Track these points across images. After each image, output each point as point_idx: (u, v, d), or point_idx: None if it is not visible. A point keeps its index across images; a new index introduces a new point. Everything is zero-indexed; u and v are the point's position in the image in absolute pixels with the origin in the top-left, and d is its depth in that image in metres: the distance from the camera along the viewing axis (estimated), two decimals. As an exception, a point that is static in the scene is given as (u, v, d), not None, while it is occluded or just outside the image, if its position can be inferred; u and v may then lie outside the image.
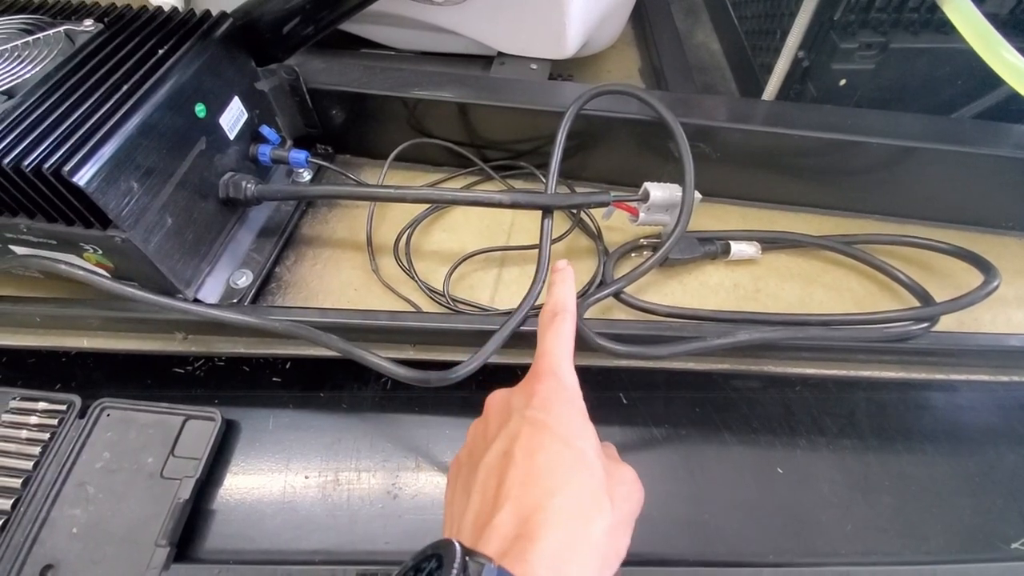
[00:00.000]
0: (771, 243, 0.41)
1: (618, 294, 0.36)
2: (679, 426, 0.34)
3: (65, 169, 0.27)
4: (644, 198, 0.37)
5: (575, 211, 0.43)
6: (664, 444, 0.34)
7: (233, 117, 0.37)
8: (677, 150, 0.36)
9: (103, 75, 0.32)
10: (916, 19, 0.37)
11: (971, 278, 0.37)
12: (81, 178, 0.27)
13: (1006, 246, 0.42)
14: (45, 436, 0.33)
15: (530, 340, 0.36)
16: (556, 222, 0.38)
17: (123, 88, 0.31)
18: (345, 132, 0.46)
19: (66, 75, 0.32)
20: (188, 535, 0.30)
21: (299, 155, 0.40)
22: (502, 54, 0.48)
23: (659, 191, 0.37)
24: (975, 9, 0.33)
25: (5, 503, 0.31)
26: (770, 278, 0.40)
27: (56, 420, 0.34)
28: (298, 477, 0.32)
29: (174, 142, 0.33)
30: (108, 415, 0.34)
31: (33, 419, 0.34)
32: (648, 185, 0.37)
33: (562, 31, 0.44)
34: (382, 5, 0.39)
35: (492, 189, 0.45)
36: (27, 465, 0.32)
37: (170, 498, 0.31)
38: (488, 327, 0.34)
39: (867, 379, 0.37)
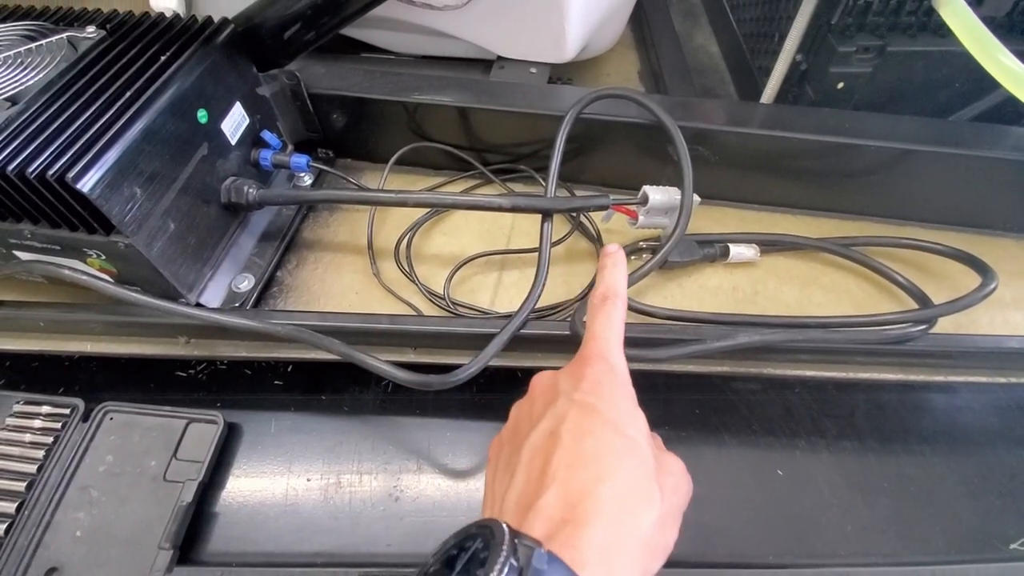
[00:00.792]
0: (770, 245, 0.41)
1: (618, 297, 0.36)
2: (679, 428, 0.34)
3: (69, 176, 0.27)
4: (643, 201, 0.37)
5: (575, 214, 0.43)
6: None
7: (235, 122, 0.38)
8: (676, 154, 0.37)
9: (106, 82, 0.32)
10: (913, 22, 0.37)
11: (969, 280, 0.37)
12: (85, 184, 0.27)
13: (1004, 248, 0.42)
14: (49, 440, 0.33)
15: (530, 343, 0.36)
16: (556, 225, 0.39)
17: (126, 95, 0.31)
18: (346, 136, 0.46)
19: (69, 82, 0.32)
20: (191, 538, 0.30)
21: (300, 160, 0.40)
22: (502, 58, 0.48)
23: (658, 194, 0.37)
24: (971, 12, 0.33)
25: (9, 506, 0.31)
26: (769, 280, 0.40)
27: (60, 424, 0.34)
28: (300, 480, 0.33)
29: (176, 148, 0.33)
30: (111, 418, 0.34)
31: (37, 423, 0.34)
32: (647, 188, 0.38)
33: (562, 35, 0.44)
34: (382, 10, 0.39)
35: (492, 193, 0.45)
36: (31, 469, 0.32)
37: (173, 501, 0.31)
38: (488, 330, 0.34)
39: (866, 381, 0.37)
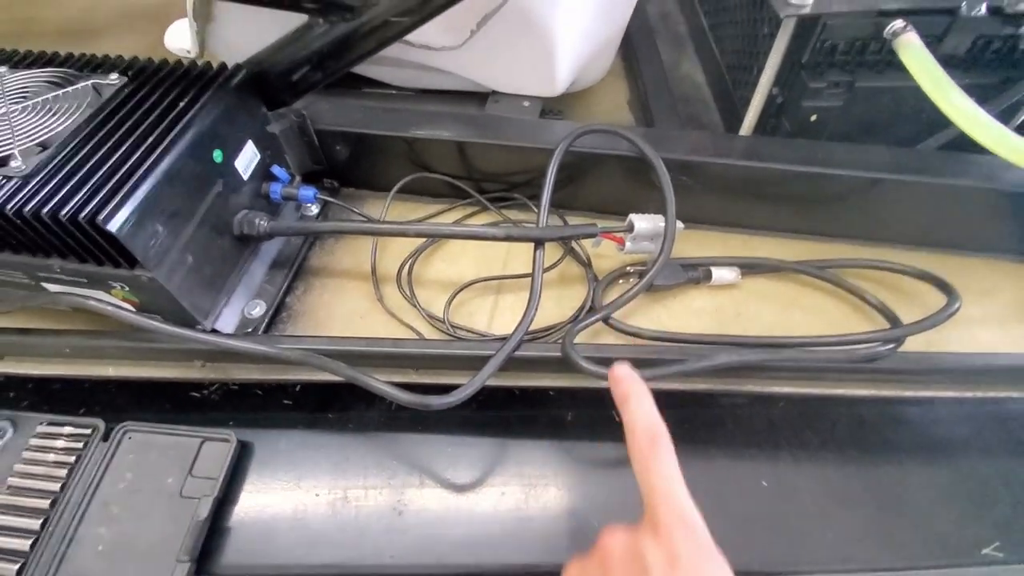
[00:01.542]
0: (750, 268, 0.43)
1: (607, 319, 0.39)
2: (668, 442, 0.36)
3: (99, 218, 0.29)
4: (629, 229, 0.40)
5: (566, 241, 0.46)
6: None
7: (247, 159, 0.40)
8: (659, 184, 0.39)
9: (130, 127, 0.35)
10: (879, 60, 0.40)
11: (939, 299, 0.39)
12: (113, 225, 0.30)
13: (974, 268, 0.44)
14: (71, 459, 0.35)
15: (523, 363, 0.38)
16: (549, 251, 0.41)
17: (148, 139, 0.34)
18: (350, 168, 0.49)
19: (95, 127, 0.35)
20: (207, 551, 0.32)
21: (308, 192, 0.43)
22: (496, 92, 0.51)
23: (643, 222, 0.40)
24: (928, 55, 0.36)
25: (35, 523, 0.33)
26: (750, 302, 0.42)
27: (81, 443, 0.36)
28: (309, 495, 0.35)
29: (194, 187, 0.35)
30: (130, 438, 0.36)
31: (60, 443, 0.36)
32: (633, 216, 0.40)
33: (551, 72, 0.47)
34: (384, 50, 0.42)
35: (488, 222, 0.48)
36: (55, 487, 0.34)
37: (189, 516, 0.33)
38: (486, 352, 0.36)
39: (843, 397, 0.39)
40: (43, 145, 0.34)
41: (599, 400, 0.38)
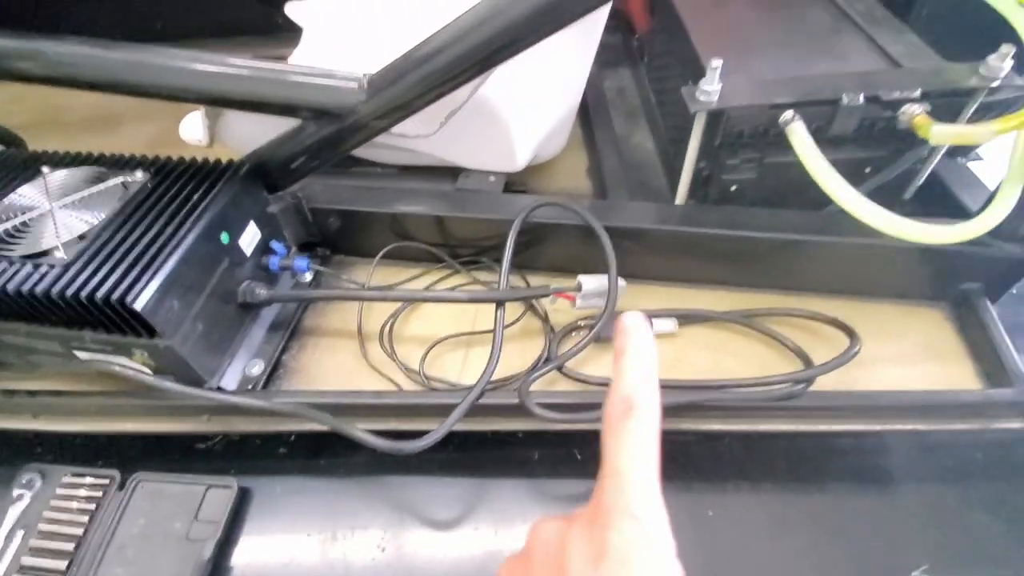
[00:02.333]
0: (687, 319, 0.49)
1: (560, 368, 0.45)
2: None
3: (128, 299, 0.36)
4: (578, 289, 0.46)
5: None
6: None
7: (250, 238, 0.47)
8: (602, 250, 0.46)
9: (152, 219, 0.42)
10: (781, 141, 0.47)
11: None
12: (138, 304, 0.36)
13: (885, 312, 0.50)
14: (92, 506, 0.40)
15: (488, 410, 0.43)
16: (512, 307, 0.47)
17: (168, 230, 0.41)
18: (340, 238, 0.56)
19: (124, 220, 0.42)
20: (211, 589, 0.36)
21: (302, 262, 0.50)
22: (466, 168, 0.59)
23: (591, 282, 0.46)
24: (811, 141, 0.43)
25: (61, 564, 0.37)
26: (688, 349, 0.48)
27: (100, 492, 0.41)
28: (301, 535, 0.39)
29: (205, 266, 0.42)
30: (143, 487, 0.41)
31: (82, 491, 0.41)
32: (582, 277, 0.47)
33: (511, 152, 0.55)
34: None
35: (457, 285, 0.54)
36: (78, 531, 0.39)
37: (195, 557, 0.37)
38: (454, 401, 0.41)
39: (780, 432, 0.43)
40: (82, 237, 0.41)
41: (563, 440, 0.43)
